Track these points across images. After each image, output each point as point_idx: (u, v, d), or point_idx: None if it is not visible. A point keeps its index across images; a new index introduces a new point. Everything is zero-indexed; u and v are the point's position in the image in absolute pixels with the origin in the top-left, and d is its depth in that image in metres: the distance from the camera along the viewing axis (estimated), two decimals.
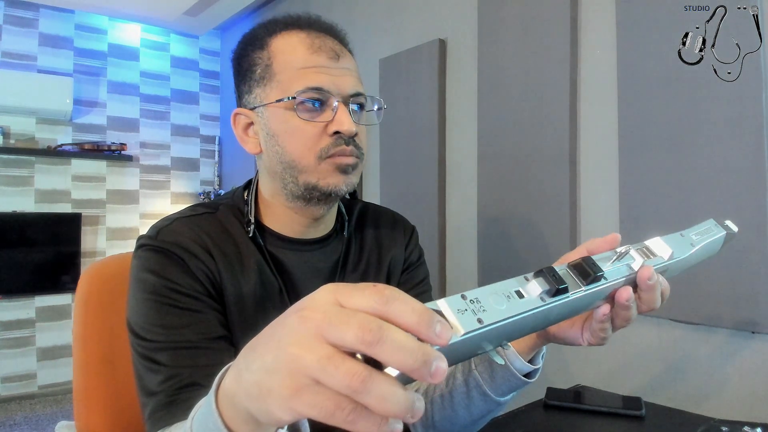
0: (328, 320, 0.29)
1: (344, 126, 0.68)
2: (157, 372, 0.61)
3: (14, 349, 3.04)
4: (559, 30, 1.60)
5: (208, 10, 3.24)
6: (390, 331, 0.28)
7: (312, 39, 0.71)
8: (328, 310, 0.29)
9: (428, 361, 0.27)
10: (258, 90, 0.72)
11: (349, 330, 0.28)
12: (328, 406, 0.28)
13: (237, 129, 0.76)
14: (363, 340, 0.27)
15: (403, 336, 0.28)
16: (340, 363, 0.28)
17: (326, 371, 0.28)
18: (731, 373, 1.24)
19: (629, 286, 0.48)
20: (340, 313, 0.29)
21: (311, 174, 0.70)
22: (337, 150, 0.69)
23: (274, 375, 0.30)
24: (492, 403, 0.66)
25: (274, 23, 0.74)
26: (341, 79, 0.70)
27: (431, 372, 0.28)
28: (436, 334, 0.28)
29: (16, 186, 3.08)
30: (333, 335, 0.28)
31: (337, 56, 0.70)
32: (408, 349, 0.27)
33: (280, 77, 0.70)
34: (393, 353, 0.27)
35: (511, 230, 1.74)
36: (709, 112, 1.26)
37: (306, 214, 0.75)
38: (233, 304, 0.70)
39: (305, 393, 0.29)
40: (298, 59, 0.69)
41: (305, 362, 0.29)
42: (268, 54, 0.71)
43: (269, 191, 0.76)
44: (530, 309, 0.35)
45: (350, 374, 0.27)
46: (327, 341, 0.29)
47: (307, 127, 0.69)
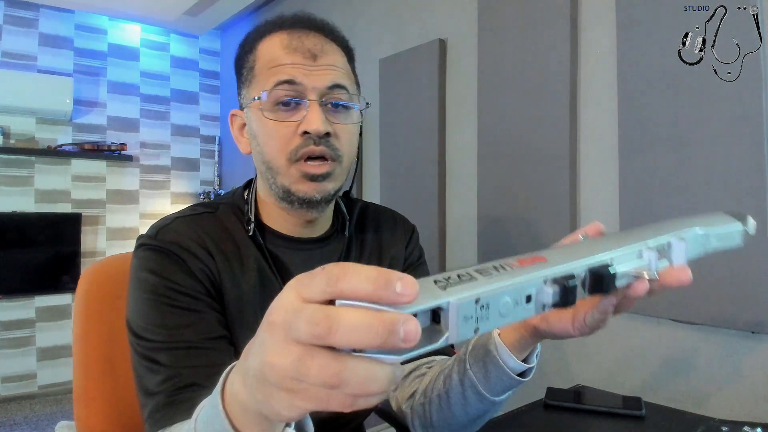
0: (288, 322, 0.28)
1: (312, 125, 0.67)
2: (156, 372, 0.61)
3: (14, 349, 3.04)
4: (559, 30, 1.60)
5: (208, 10, 3.24)
6: (338, 316, 0.26)
7: (291, 39, 0.70)
8: (287, 310, 0.29)
9: (393, 330, 0.26)
10: (244, 91, 0.74)
11: (301, 328, 0.27)
12: (321, 397, 0.28)
13: (233, 129, 0.78)
14: (314, 335, 0.27)
15: (353, 316, 0.26)
16: (310, 362, 0.27)
17: (301, 373, 0.28)
18: (731, 373, 1.24)
19: (646, 281, 0.42)
20: (295, 311, 0.28)
21: (284, 177, 0.70)
22: (305, 151, 0.68)
23: (265, 383, 0.31)
24: (488, 403, 0.66)
25: (263, 25, 0.75)
26: (317, 74, 0.69)
27: (401, 338, 0.26)
28: (398, 294, 0.26)
29: (16, 186, 3.08)
30: (294, 335, 0.28)
31: (314, 56, 0.69)
32: (364, 326, 0.26)
33: (259, 77, 0.71)
34: (349, 337, 0.26)
35: (511, 230, 1.74)
36: (709, 112, 1.26)
37: (296, 215, 0.75)
38: (233, 303, 0.70)
39: (298, 393, 0.29)
40: (275, 58, 0.70)
41: (282, 369, 0.29)
42: (254, 56, 0.72)
43: (263, 191, 0.77)
44: (527, 315, 0.33)
45: (322, 372, 0.27)
46: (295, 342, 0.28)
47: (280, 127, 0.69)
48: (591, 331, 0.52)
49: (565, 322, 0.53)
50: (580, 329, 0.52)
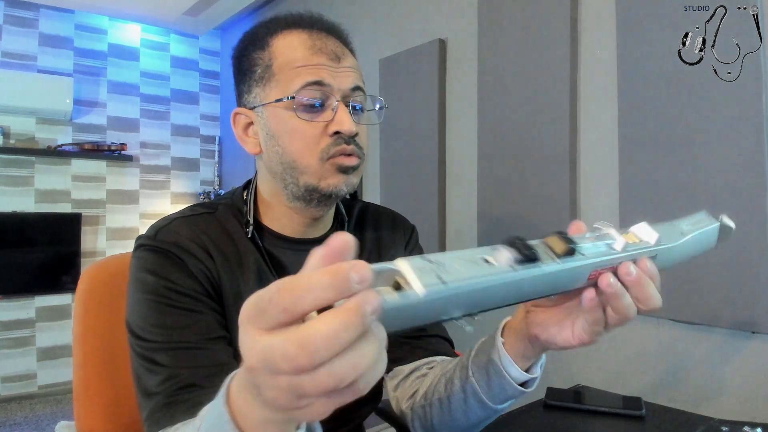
0: (265, 364, 0.27)
1: (345, 126, 0.68)
2: (156, 372, 0.61)
3: (14, 349, 3.04)
4: (559, 30, 1.60)
5: (208, 10, 3.24)
6: (311, 337, 0.25)
7: (313, 40, 0.70)
8: (257, 354, 0.27)
9: (364, 312, 0.26)
10: (257, 90, 0.72)
11: (281, 367, 0.26)
12: (332, 401, 0.28)
13: (237, 129, 0.76)
14: (298, 367, 0.26)
15: (326, 326, 0.25)
16: (302, 385, 0.27)
17: (301, 397, 0.28)
18: (731, 373, 1.24)
19: (610, 272, 0.44)
20: (265, 352, 0.27)
21: (312, 175, 0.70)
22: (337, 149, 0.69)
23: (277, 411, 0.31)
24: (489, 410, 0.66)
25: (275, 22, 0.73)
26: (342, 76, 0.70)
27: (372, 312, 0.26)
28: (357, 284, 0.26)
29: (16, 186, 3.08)
30: (277, 371, 0.27)
31: (338, 58, 0.70)
32: (341, 329, 0.25)
33: (279, 77, 0.69)
34: (331, 348, 0.26)
35: (511, 230, 1.74)
36: (709, 112, 1.26)
37: (306, 214, 0.75)
38: (232, 304, 0.70)
39: (310, 407, 0.29)
40: (298, 59, 0.69)
41: (283, 401, 0.29)
42: (269, 54, 0.71)
43: (269, 191, 0.76)
44: (497, 275, 0.32)
45: (318, 387, 0.27)
46: (281, 375, 0.27)
47: (307, 127, 0.68)
48: (590, 338, 0.52)
49: (566, 331, 0.53)
50: (579, 338, 0.52)
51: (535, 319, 0.55)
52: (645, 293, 0.46)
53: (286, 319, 0.26)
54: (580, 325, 0.52)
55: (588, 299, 0.46)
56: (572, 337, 0.53)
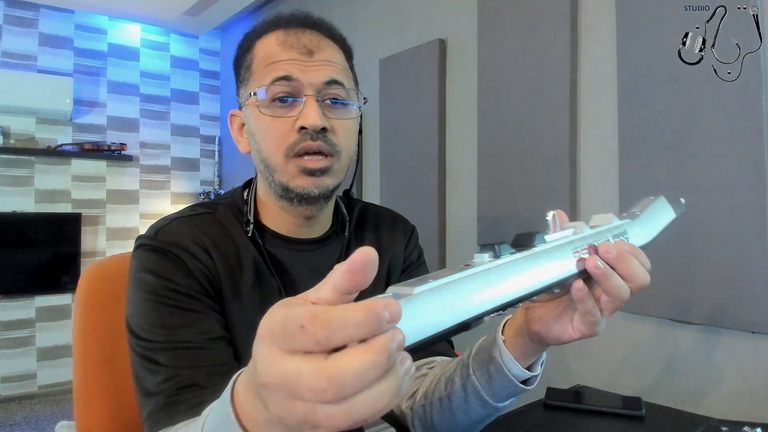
0: (282, 387, 0.27)
1: (309, 120, 0.67)
2: (156, 372, 0.61)
3: (14, 349, 3.04)
4: (559, 30, 1.60)
5: (208, 10, 3.24)
6: (342, 372, 0.25)
7: (287, 36, 0.70)
8: (278, 375, 0.27)
9: (392, 352, 0.26)
10: (242, 90, 0.74)
11: (305, 396, 0.26)
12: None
13: (232, 129, 0.78)
14: (323, 400, 0.26)
15: (356, 362, 0.25)
16: (316, 417, 0.26)
17: (312, 426, 0.27)
18: (731, 373, 1.24)
19: (595, 255, 0.47)
20: (289, 377, 0.26)
21: (282, 174, 0.70)
22: (302, 146, 0.68)
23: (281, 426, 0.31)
24: (490, 408, 0.66)
25: (261, 25, 0.75)
26: (313, 70, 0.69)
27: (396, 357, 0.26)
28: (388, 322, 0.26)
29: (16, 186, 3.08)
30: (297, 397, 0.27)
31: (310, 52, 0.69)
32: (369, 367, 0.25)
33: (255, 75, 0.71)
34: (358, 385, 0.25)
35: (511, 230, 1.74)
36: (709, 112, 1.26)
37: (295, 213, 0.74)
38: (232, 304, 0.70)
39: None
40: (271, 55, 0.70)
41: (293, 425, 0.28)
42: (251, 56, 0.73)
43: (263, 191, 0.76)
44: (472, 269, 0.35)
45: (330, 422, 0.26)
46: (299, 400, 0.27)
47: (277, 123, 0.68)
48: (589, 330, 0.52)
49: (566, 325, 0.53)
50: (579, 330, 0.52)
51: (535, 315, 0.56)
52: (629, 269, 0.48)
53: (316, 350, 0.26)
54: (577, 319, 0.52)
55: (577, 289, 0.48)
56: (572, 331, 0.53)
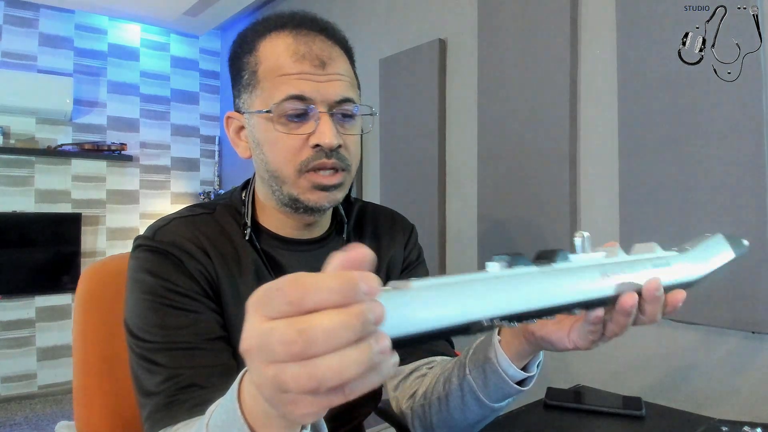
0: (258, 348, 0.28)
1: (326, 139, 0.66)
2: (155, 373, 0.61)
3: (14, 349, 3.04)
4: (559, 30, 1.60)
5: (208, 10, 3.24)
6: (312, 328, 0.26)
7: (298, 45, 0.68)
8: (255, 336, 0.28)
9: (366, 319, 0.26)
10: (245, 96, 0.71)
11: (276, 350, 0.27)
12: (316, 402, 0.29)
13: (229, 131, 0.76)
14: (292, 353, 0.26)
15: (328, 321, 0.26)
16: (284, 377, 0.27)
17: (283, 390, 0.28)
18: (731, 373, 1.24)
19: (635, 293, 0.44)
20: (263, 335, 0.27)
21: (292, 187, 0.69)
22: (317, 164, 0.67)
23: (267, 400, 0.31)
24: (487, 409, 0.66)
25: (263, 24, 0.72)
26: (326, 86, 0.67)
27: (373, 322, 0.27)
28: (364, 293, 0.27)
29: (16, 186, 3.08)
30: (270, 357, 0.27)
31: (323, 64, 0.67)
32: (341, 328, 0.26)
33: (264, 84, 0.68)
34: (328, 344, 0.26)
35: (511, 230, 1.74)
36: (709, 112, 1.25)
37: (296, 219, 0.75)
38: (231, 304, 0.70)
39: (296, 404, 0.29)
40: (282, 66, 0.67)
41: (268, 391, 0.29)
42: (255, 59, 0.70)
43: (262, 194, 0.76)
44: (481, 274, 0.34)
45: (298, 383, 0.27)
46: (271, 363, 0.28)
47: (288, 139, 0.67)
48: (585, 343, 0.52)
49: (563, 332, 0.54)
50: (574, 342, 0.53)
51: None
52: (655, 311, 0.46)
53: (290, 311, 0.27)
54: (578, 331, 0.52)
55: (594, 315, 0.47)
56: (567, 340, 0.54)
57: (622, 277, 0.43)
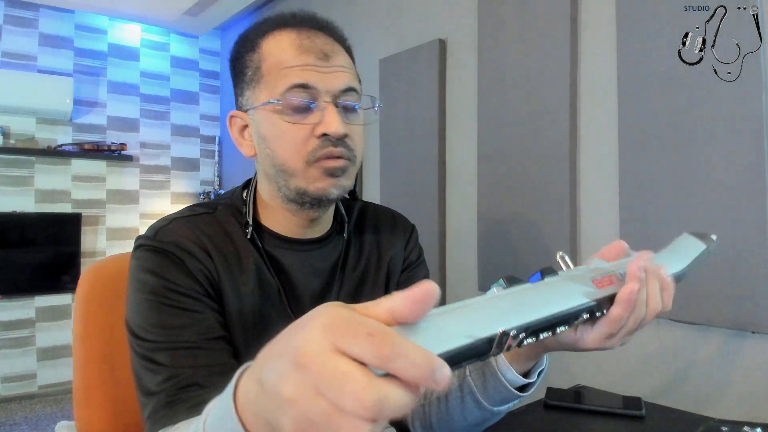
0: (324, 379, 0.27)
1: (332, 127, 0.66)
2: (156, 372, 0.61)
3: (14, 349, 3.04)
4: (559, 30, 1.60)
5: (208, 10, 3.24)
6: (389, 400, 0.26)
7: (301, 39, 0.69)
8: (324, 364, 0.27)
9: (434, 379, 0.27)
10: (249, 92, 0.71)
11: (342, 399, 0.26)
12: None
13: (233, 131, 0.76)
14: (358, 414, 0.26)
15: (405, 398, 0.27)
16: (337, 420, 0.26)
17: (325, 427, 0.27)
18: (731, 373, 1.24)
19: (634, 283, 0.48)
20: (336, 372, 0.26)
21: (300, 178, 0.69)
22: (324, 152, 0.68)
23: (278, 409, 0.29)
24: (486, 411, 0.66)
25: (265, 23, 0.73)
26: (330, 76, 0.68)
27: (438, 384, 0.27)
28: (435, 382, 0.27)
29: (16, 186, 3.08)
30: (330, 395, 0.26)
31: (326, 56, 0.68)
32: (402, 410, 0.27)
33: (268, 78, 0.69)
34: (391, 416, 0.26)
35: (511, 230, 1.74)
36: (709, 112, 1.26)
37: (302, 215, 0.74)
38: (232, 304, 0.70)
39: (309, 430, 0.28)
40: (285, 60, 0.68)
41: (302, 414, 0.28)
42: (258, 56, 0.70)
43: (266, 193, 0.76)
44: (483, 297, 0.37)
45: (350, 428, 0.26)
46: (323, 397, 0.27)
47: (295, 129, 0.67)
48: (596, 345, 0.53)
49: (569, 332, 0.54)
50: (583, 343, 0.53)
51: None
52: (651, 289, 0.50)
53: (372, 363, 0.27)
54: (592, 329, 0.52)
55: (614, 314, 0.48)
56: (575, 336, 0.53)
57: (610, 277, 0.48)
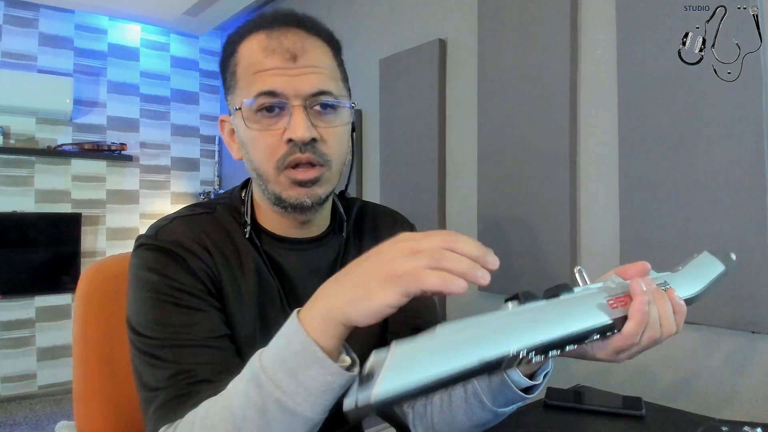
0: (402, 254, 0.44)
1: (297, 133, 0.65)
2: (160, 368, 0.61)
3: (14, 349, 3.04)
4: (559, 30, 1.60)
5: (208, 10, 3.24)
6: (450, 255, 0.44)
7: (269, 40, 0.67)
8: (402, 248, 0.45)
9: (476, 267, 0.44)
10: (230, 97, 0.72)
11: (423, 257, 0.43)
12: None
13: (224, 135, 0.77)
14: (432, 259, 0.43)
15: (459, 259, 0.44)
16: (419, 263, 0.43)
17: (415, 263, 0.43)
18: (731, 373, 1.24)
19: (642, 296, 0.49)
20: (413, 250, 0.44)
21: (274, 184, 0.69)
22: (291, 159, 0.66)
23: (373, 274, 0.45)
24: (489, 413, 0.65)
25: (243, 26, 0.72)
26: (298, 80, 0.66)
27: (481, 274, 0.44)
28: (489, 262, 0.45)
29: (16, 186, 3.08)
30: (416, 254, 0.43)
31: (294, 57, 0.66)
32: (464, 262, 0.44)
33: (240, 84, 0.68)
34: (455, 264, 0.43)
35: (511, 230, 1.74)
36: (709, 112, 1.26)
37: (290, 217, 0.74)
38: (232, 303, 0.70)
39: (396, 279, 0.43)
40: (254, 64, 0.67)
41: (396, 267, 0.44)
42: (235, 60, 0.70)
43: (258, 194, 0.76)
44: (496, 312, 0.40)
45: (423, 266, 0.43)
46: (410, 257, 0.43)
47: (264, 136, 0.67)
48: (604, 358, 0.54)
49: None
50: (593, 354, 0.54)
51: None
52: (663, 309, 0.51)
53: (443, 245, 0.45)
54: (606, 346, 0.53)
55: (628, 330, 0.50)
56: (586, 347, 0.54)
57: (626, 297, 0.48)
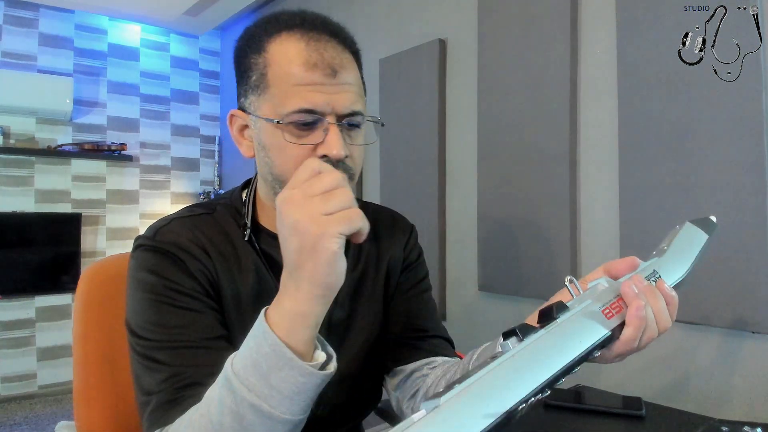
0: (305, 195, 0.53)
1: (333, 151, 0.65)
2: (156, 371, 0.61)
3: (14, 349, 3.04)
4: (559, 30, 1.60)
5: (208, 10, 3.24)
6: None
7: (310, 51, 0.66)
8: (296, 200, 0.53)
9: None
10: (253, 97, 0.69)
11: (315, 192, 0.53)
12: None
13: (232, 129, 0.74)
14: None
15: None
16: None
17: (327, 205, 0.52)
18: (731, 373, 1.24)
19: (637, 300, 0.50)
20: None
21: None
22: None
23: (304, 236, 0.52)
24: None
25: (273, 23, 0.70)
26: (337, 97, 0.66)
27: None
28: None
29: (16, 186, 3.08)
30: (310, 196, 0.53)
31: (334, 72, 0.66)
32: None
33: (273, 91, 0.66)
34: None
35: (511, 230, 1.74)
36: (709, 112, 1.26)
37: None
38: (231, 304, 0.70)
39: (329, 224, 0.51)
40: (293, 75, 0.65)
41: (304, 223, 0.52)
42: (264, 60, 0.68)
43: (264, 193, 0.75)
44: (503, 360, 0.37)
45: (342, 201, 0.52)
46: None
47: (296, 148, 0.66)
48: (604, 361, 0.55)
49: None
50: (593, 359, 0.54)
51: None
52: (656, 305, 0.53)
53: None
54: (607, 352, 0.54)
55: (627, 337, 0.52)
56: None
57: (618, 302, 0.49)
